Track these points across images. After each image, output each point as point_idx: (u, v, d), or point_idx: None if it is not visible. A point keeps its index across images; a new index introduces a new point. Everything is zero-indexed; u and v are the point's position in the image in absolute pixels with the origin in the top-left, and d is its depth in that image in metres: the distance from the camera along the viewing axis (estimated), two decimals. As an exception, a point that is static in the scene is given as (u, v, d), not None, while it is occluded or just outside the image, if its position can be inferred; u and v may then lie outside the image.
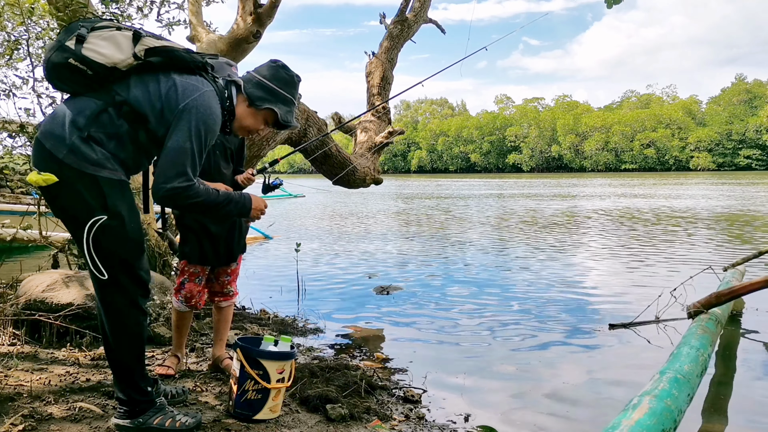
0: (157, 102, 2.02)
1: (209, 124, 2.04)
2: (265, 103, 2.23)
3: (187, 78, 2.08)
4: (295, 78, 2.30)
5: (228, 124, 2.26)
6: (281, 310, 5.09)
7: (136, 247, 2.10)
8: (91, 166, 1.96)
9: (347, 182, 5.44)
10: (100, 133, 1.99)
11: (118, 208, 2.01)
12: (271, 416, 2.46)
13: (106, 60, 1.98)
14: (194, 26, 5.41)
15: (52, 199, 2.05)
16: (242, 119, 2.26)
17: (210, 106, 2.06)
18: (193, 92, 2.04)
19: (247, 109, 2.24)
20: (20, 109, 4.77)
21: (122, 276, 2.08)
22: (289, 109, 2.28)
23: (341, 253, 8.99)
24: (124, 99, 2.01)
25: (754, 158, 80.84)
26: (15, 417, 2.20)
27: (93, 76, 2.00)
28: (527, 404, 3.09)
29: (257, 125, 2.30)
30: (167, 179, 1.95)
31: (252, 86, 2.23)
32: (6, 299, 3.74)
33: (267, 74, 2.26)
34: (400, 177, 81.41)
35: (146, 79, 2.05)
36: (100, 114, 2.00)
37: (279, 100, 2.24)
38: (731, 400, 3.20)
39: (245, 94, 2.22)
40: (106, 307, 2.10)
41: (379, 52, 6.32)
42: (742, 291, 4.09)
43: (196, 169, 2.01)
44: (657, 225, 12.50)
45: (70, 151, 1.94)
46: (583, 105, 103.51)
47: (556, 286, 6.21)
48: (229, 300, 3.08)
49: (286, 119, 2.27)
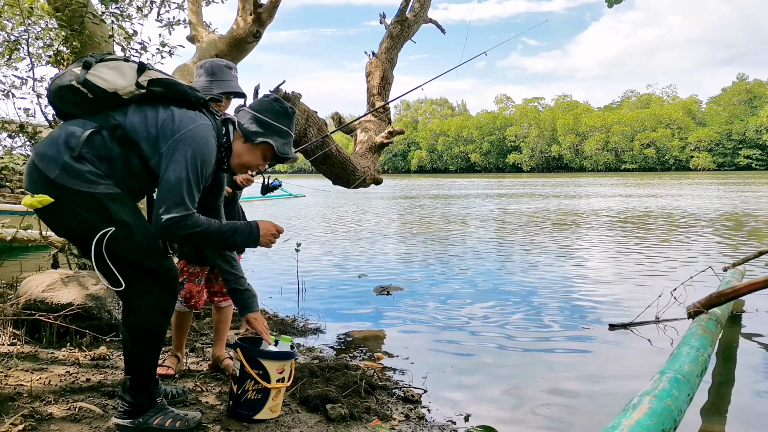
0: (152, 129, 2.03)
1: (205, 155, 2.04)
2: (260, 137, 2.20)
3: (186, 111, 2.09)
4: (289, 110, 2.28)
5: (225, 161, 2.25)
6: (281, 310, 5.09)
7: (150, 250, 2.08)
8: (85, 184, 1.95)
9: (347, 182, 5.43)
10: (91, 155, 1.98)
11: (122, 217, 2.00)
12: (271, 416, 2.46)
13: (108, 85, 2.01)
14: (194, 26, 5.42)
15: (52, 221, 2.04)
16: (240, 155, 2.25)
17: (206, 137, 2.06)
18: (189, 123, 2.05)
19: (244, 145, 2.23)
20: (20, 109, 4.78)
21: (143, 281, 2.07)
22: (285, 141, 2.26)
23: (341, 253, 8.98)
24: (119, 123, 2.02)
25: (754, 158, 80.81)
26: (15, 417, 2.19)
27: (93, 100, 2.02)
28: (527, 404, 3.09)
29: (256, 161, 2.27)
30: (166, 210, 1.95)
31: (246, 121, 2.22)
32: (6, 299, 3.74)
33: (260, 108, 2.24)
34: (400, 177, 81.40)
35: (145, 108, 2.07)
36: (93, 135, 2.00)
37: (274, 133, 2.22)
38: (731, 400, 3.20)
39: (240, 130, 2.22)
40: (133, 316, 2.10)
41: (379, 52, 6.32)
42: (743, 291, 4.09)
43: (194, 199, 2.01)
44: (657, 225, 12.50)
45: (62, 170, 1.93)
46: (583, 105, 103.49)
47: (555, 286, 6.21)
48: (229, 300, 3.08)
49: (284, 151, 2.24)
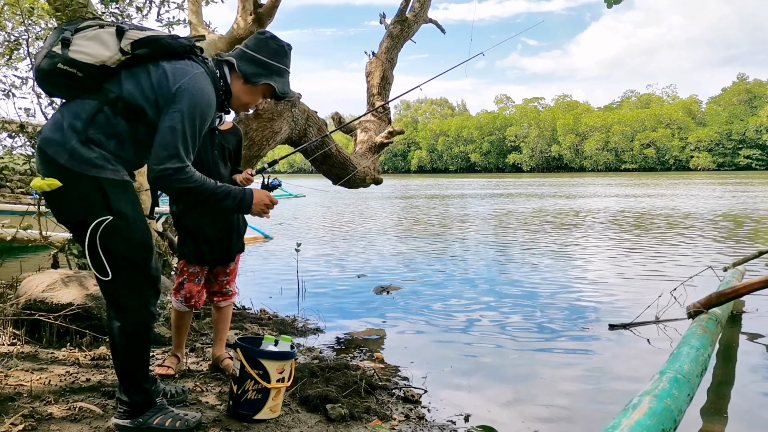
0: (149, 92, 2.02)
1: (201, 106, 2.03)
2: (262, 79, 2.23)
3: (177, 63, 2.07)
4: (285, 47, 2.30)
5: (226, 103, 2.27)
6: (281, 310, 5.09)
7: (143, 246, 2.09)
8: (93, 168, 1.96)
9: (347, 182, 5.43)
10: (99, 134, 1.99)
11: (121, 208, 2.01)
12: (271, 416, 2.46)
13: (94, 59, 1.97)
14: (194, 26, 5.41)
15: (56, 205, 2.04)
16: (240, 97, 2.27)
17: (201, 89, 2.05)
18: (184, 76, 2.03)
19: (244, 86, 2.25)
20: (20, 109, 4.79)
21: (132, 276, 2.07)
22: (285, 80, 2.29)
23: (341, 253, 8.98)
24: (118, 95, 2.01)
25: (754, 158, 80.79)
26: (15, 417, 2.19)
27: (83, 78, 1.99)
28: (527, 404, 3.09)
29: (255, 100, 2.31)
30: (160, 161, 1.95)
31: (245, 63, 2.23)
32: (6, 299, 3.74)
33: (257, 47, 2.25)
34: (400, 177, 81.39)
35: (136, 72, 2.04)
36: (97, 115, 1.99)
37: (274, 73, 2.25)
38: (731, 400, 3.20)
39: (240, 72, 2.22)
40: (116, 308, 2.10)
41: (379, 52, 6.32)
42: (743, 291, 4.09)
43: (189, 152, 2.00)
44: (657, 225, 12.49)
45: (71, 156, 1.94)
46: (583, 105, 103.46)
47: (555, 286, 6.20)
48: (229, 300, 3.08)
49: (284, 90, 2.28)
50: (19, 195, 8.60)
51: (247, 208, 2.17)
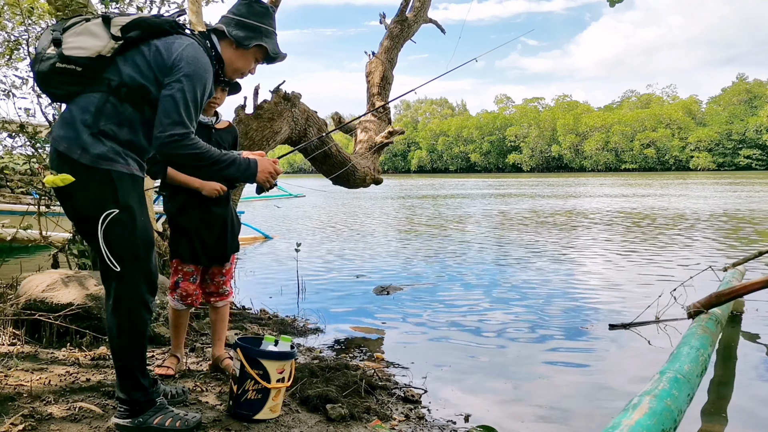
0: (148, 72, 2.05)
1: (199, 73, 2.07)
2: (254, 41, 2.27)
3: (167, 39, 2.12)
4: (269, 9, 2.36)
5: (220, 72, 2.31)
6: (281, 310, 5.08)
7: (145, 241, 2.11)
8: (105, 162, 1.99)
9: (347, 182, 5.43)
10: (111, 125, 2.02)
11: (128, 201, 2.04)
12: (271, 416, 2.46)
13: (89, 51, 2.00)
14: (194, 26, 5.40)
15: (67, 199, 2.07)
16: (233, 62, 2.31)
17: (196, 56, 2.09)
18: (177, 48, 2.08)
19: (236, 51, 2.29)
20: (20, 109, 4.78)
21: (132, 271, 2.08)
22: (274, 41, 2.35)
23: (341, 253, 8.98)
24: (120, 81, 2.03)
25: (754, 158, 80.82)
26: (15, 417, 2.19)
27: (83, 72, 2.01)
28: (527, 404, 3.09)
29: (248, 64, 2.35)
30: (164, 128, 1.98)
31: (234, 28, 2.27)
32: (6, 299, 3.74)
33: (244, 12, 2.30)
34: (400, 177, 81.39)
35: (131, 55, 2.07)
36: (104, 105, 2.02)
37: (263, 34, 2.30)
38: (731, 400, 3.20)
39: (231, 37, 2.26)
40: (114, 303, 2.11)
41: (379, 52, 6.32)
42: (742, 291, 4.09)
43: (192, 119, 2.03)
44: (657, 225, 12.50)
45: (83, 151, 1.97)
46: (583, 105, 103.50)
47: (555, 286, 6.21)
48: (225, 300, 3.07)
49: (275, 51, 2.34)
50: (19, 195, 8.61)
51: (252, 176, 2.21)
